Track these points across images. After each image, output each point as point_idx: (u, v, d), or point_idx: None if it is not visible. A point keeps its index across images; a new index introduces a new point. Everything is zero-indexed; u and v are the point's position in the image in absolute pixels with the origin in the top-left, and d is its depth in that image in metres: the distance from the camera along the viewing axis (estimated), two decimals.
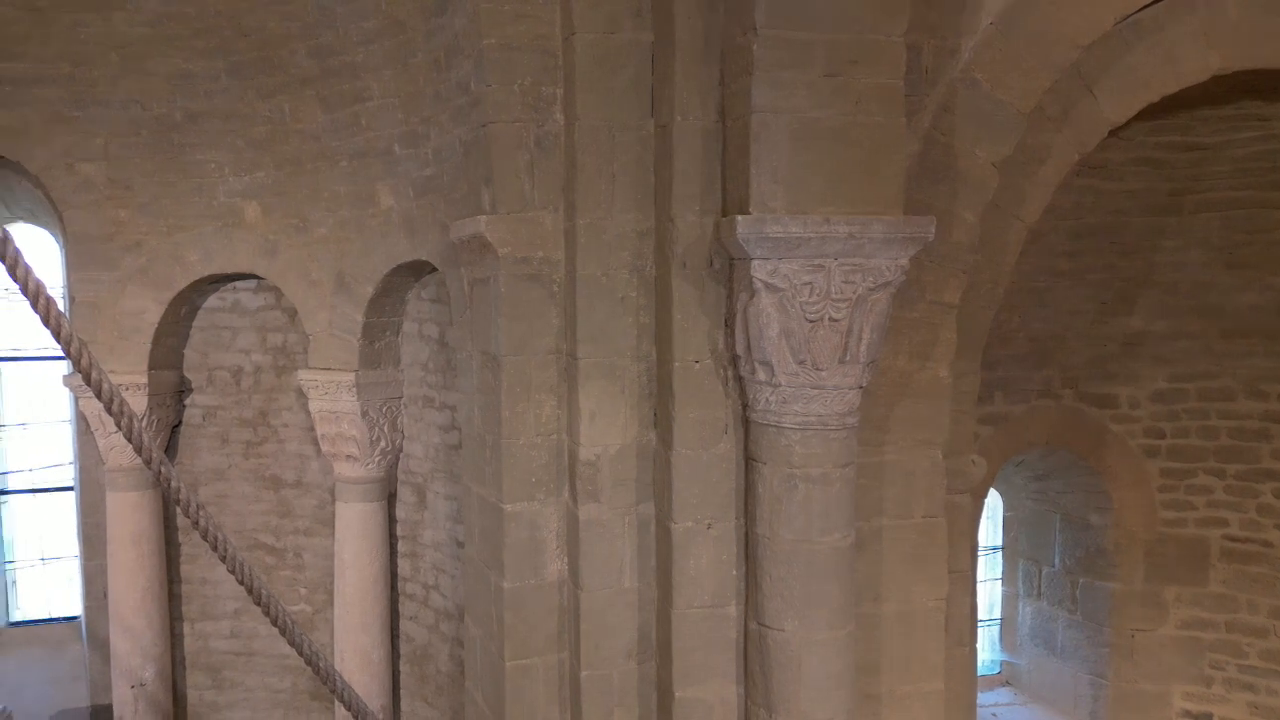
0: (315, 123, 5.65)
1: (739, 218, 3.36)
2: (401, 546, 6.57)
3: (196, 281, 6.40)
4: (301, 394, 6.50)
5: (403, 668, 6.64)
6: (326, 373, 6.16)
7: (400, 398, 6.38)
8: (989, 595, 8.20)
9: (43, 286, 1.68)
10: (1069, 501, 7.46)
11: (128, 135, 6.05)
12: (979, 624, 6.35)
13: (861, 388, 3.57)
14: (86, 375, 1.67)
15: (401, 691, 6.64)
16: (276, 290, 6.54)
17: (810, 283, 3.36)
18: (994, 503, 8.13)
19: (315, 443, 6.56)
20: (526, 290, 4.07)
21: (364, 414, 6.19)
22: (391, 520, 6.53)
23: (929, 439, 4.14)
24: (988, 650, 8.13)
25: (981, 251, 4.26)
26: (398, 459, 6.50)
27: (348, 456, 6.29)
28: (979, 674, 6.56)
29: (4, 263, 1.59)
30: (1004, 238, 4.41)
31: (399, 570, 6.58)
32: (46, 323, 1.67)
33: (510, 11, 3.93)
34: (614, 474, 4.02)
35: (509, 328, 4.07)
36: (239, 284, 6.79)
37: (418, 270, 5.81)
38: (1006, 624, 8.19)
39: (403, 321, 6.29)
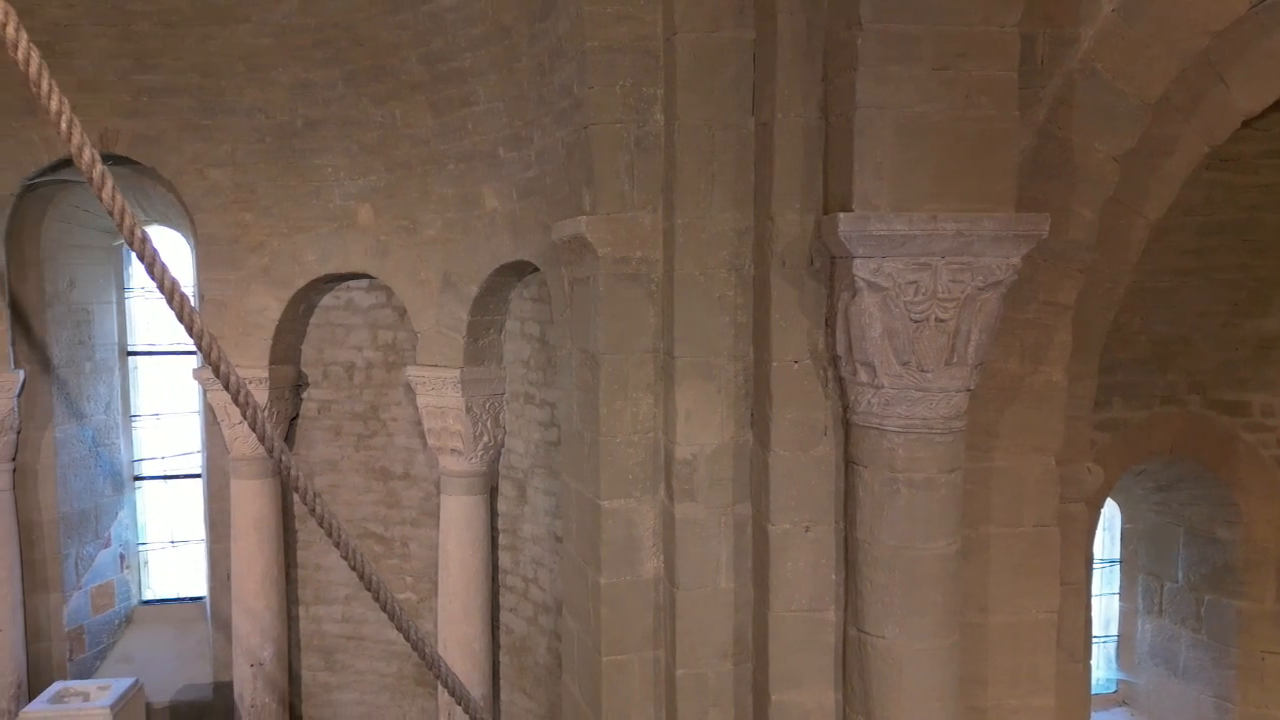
0: (424, 127, 5.84)
1: (841, 215, 3.30)
2: (502, 540, 6.72)
3: (314, 281, 6.71)
4: (410, 389, 6.73)
5: (502, 658, 6.79)
6: (433, 369, 6.36)
7: (502, 394, 6.53)
8: (1105, 610, 7.82)
9: (177, 285, 1.80)
10: (1194, 514, 7.04)
11: (252, 142, 6.39)
12: (1094, 640, 6.07)
13: (969, 390, 3.46)
14: (216, 368, 1.78)
15: (501, 681, 6.79)
16: (387, 289, 6.79)
17: (915, 282, 3.27)
18: (1111, 514, 7.76)
19: (422, 436, 6.79)
20: (625, 289, 4.11)
21: (468, 409, 6.36)
22: (493, 514, 6.69)
23: (1041, 445, 3.98)
24: (1103, 668, 7.77)
25: (1100, 249, 4.06)
26: (499, 454, 6.66)
27: (452, 450, 6.47)
28: (1093, 692, 6.27)
29: (143, 262, 1.72)
30: (1125, 235, 4.19)
31: (499, 563, 6.73)
32: (180, 318, 1.79)
33: (612, 14, 3.97)
34: (710, 473, 4.01)
35: (607, 326, 4.12)
36: (352, 283, 7.08)
37: (520, 270, 5.93)
38: (1124, 641, 7.80)
39: (505, 320, 6.44)
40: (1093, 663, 5.22)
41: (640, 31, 4.00)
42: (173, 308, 1.79)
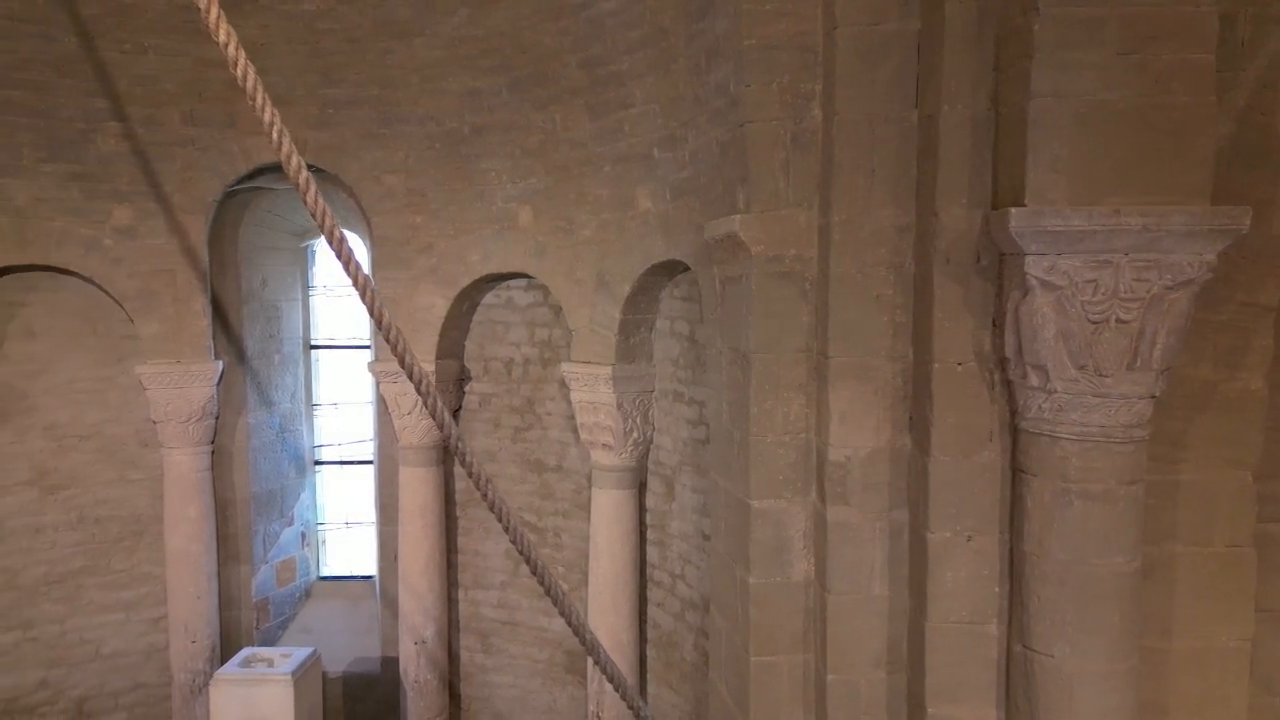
0: (582, 130, 6.00)
1: (1013, 210, 3.15)
2: (650, 535, 6.81)
3: (477, 280, 7.02)
4: (564, 385, 6.93)
5: (649, 652, 6.88)
6: (586, 366, 6.52)
7: (652, 391, 6.62)
8: None
9: (369, 281, 1.94)
10: None
11: (424, 149, 6.77)
12: None
13: (1153, 397, 3.23)
14: (401, 359, 1.91)
15: (648, 675, 6.89)
16: (544, 288, 7.02)
17: (1094, 280, 3.08)
18: None
19: (575, 431, 6.97)
20: (778, 288, 4.08)
21: (619, 405, 6.48)
22: (641, 509, 6.79)
23: (1237, 458, 3.67)
24: None
25: None
26: (648, 450, 6.75)
27: (603, 445, 6.61)
28: None
29: (340, 260, 1.87)
30: None
31: (647, 557, 6.83)
32: (370, 312, 1.93)
33: (771, 10, 3.95)
34: (864, 477, 3.93)
35: (759, 325, 4.10)
36: (511, 282, 7.37)
37: (671, 269, 5.99)
38: None
39: (656, 319, 6.52)
40: None
41: (799, 28, 3.96)
42: (364, 302, 1.93)
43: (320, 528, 8.98)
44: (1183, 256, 3.08)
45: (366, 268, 7.78)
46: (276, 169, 6.88)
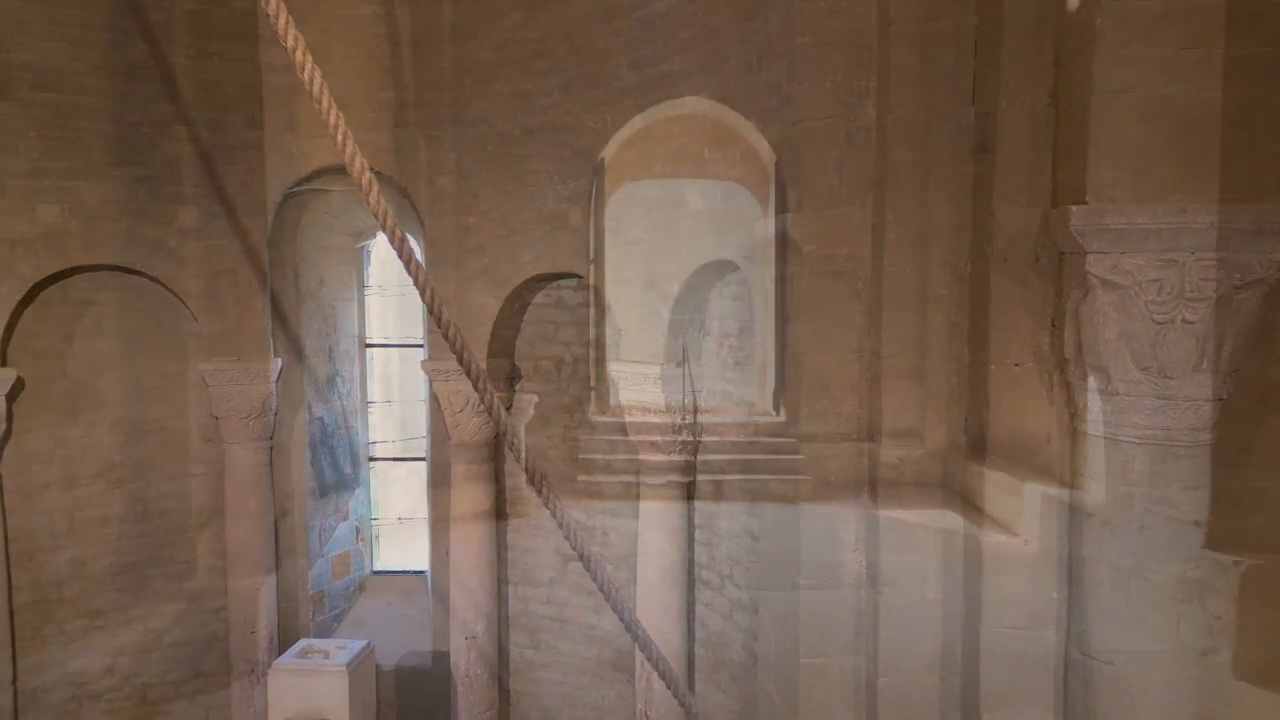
0: (633, 130, 6.02)
1: (1073, 208, 3.09)
2: (699, 535, 6.80)
3: (528, 280, 7.08)
4: (613, 384, 6.95)
5: (698, 652, 6.88)
6: (635, 365, 6.53)
7: (700, 391, 6.61)
8: None
9: (430, 280, 1.99)
10: None
11: (476, 150, 6.85)
12: None
13: (1220, 400, 3.14)
14: (459, 356, 1.96)
15: (696, 675, 6.88)
16: (594, 287, 7.05)
17: (1159, 280, 3.01)
18: None
19: (623, 430, 6.98)
20: (829, 287, 4.06)
21: (667, 405, 6.48)
22: (690, 508, 6.78)
23: None
24: None
25: None
26: (697, 450, 6.74)
27: (651, 444, 6.62)
28: None
29: (401, 260, 1.92)
30: None
31: (696, 557, 6.82)
32: (430, 310, 1.98)
33: (825, 8, 3.93)
34: (918, 479, 3.89)
35: (810, 325, 4.08)
36: (561, 282, 7.41)
37: (720, 269, 5.98)
38: None
39: (705, 318, 6.51)
40: None
41: (853, 25, 3.94)
42: (425, 301, 1.98)
43: (374, 523, 9.13)
44: (1252, 255, 2.99)
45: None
46: (334, 171, 7.03)
